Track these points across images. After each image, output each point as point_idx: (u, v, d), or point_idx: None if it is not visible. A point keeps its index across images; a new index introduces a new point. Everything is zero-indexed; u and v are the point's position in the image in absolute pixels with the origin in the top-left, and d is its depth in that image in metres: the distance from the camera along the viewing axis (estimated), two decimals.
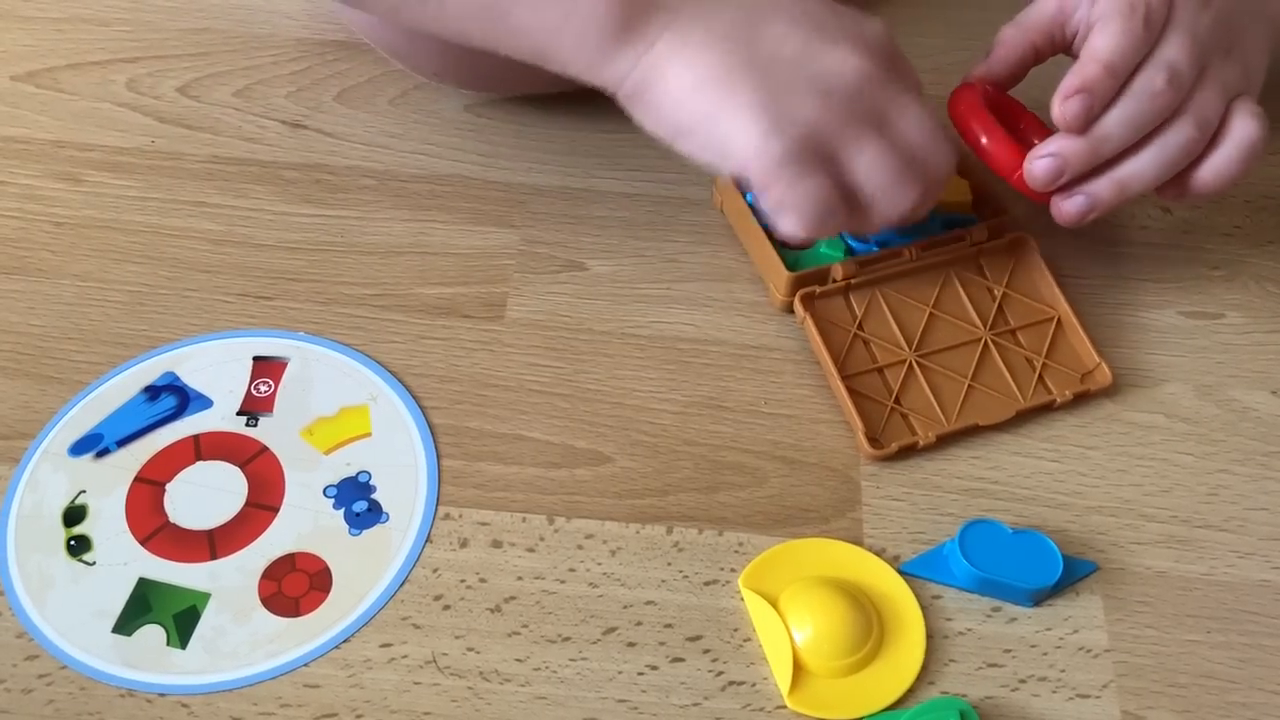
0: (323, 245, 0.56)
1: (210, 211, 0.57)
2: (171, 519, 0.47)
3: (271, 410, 0.50)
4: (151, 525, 0.47)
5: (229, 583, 0.46)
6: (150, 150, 0.59)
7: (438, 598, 0.46)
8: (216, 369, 0.51)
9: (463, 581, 0.46)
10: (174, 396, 0.50)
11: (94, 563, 0.46)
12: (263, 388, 0.51)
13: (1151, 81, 0.48)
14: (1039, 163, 0.49)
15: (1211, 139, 0.50)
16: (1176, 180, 0.50)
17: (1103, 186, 0.50)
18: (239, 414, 0.50)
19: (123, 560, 0.46)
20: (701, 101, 0.46)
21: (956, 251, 0.54)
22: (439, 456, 0.49)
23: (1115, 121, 0.49)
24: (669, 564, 0.47)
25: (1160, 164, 0.49)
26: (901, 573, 0.47)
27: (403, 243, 0.56)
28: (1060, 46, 0.52)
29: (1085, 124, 0.48)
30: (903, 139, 0.48)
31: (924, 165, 0.48)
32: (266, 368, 0.51)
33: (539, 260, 0.56)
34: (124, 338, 0.52)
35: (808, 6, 0.49)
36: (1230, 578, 0.47)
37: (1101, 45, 0.48)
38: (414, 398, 0.51)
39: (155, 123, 0.61)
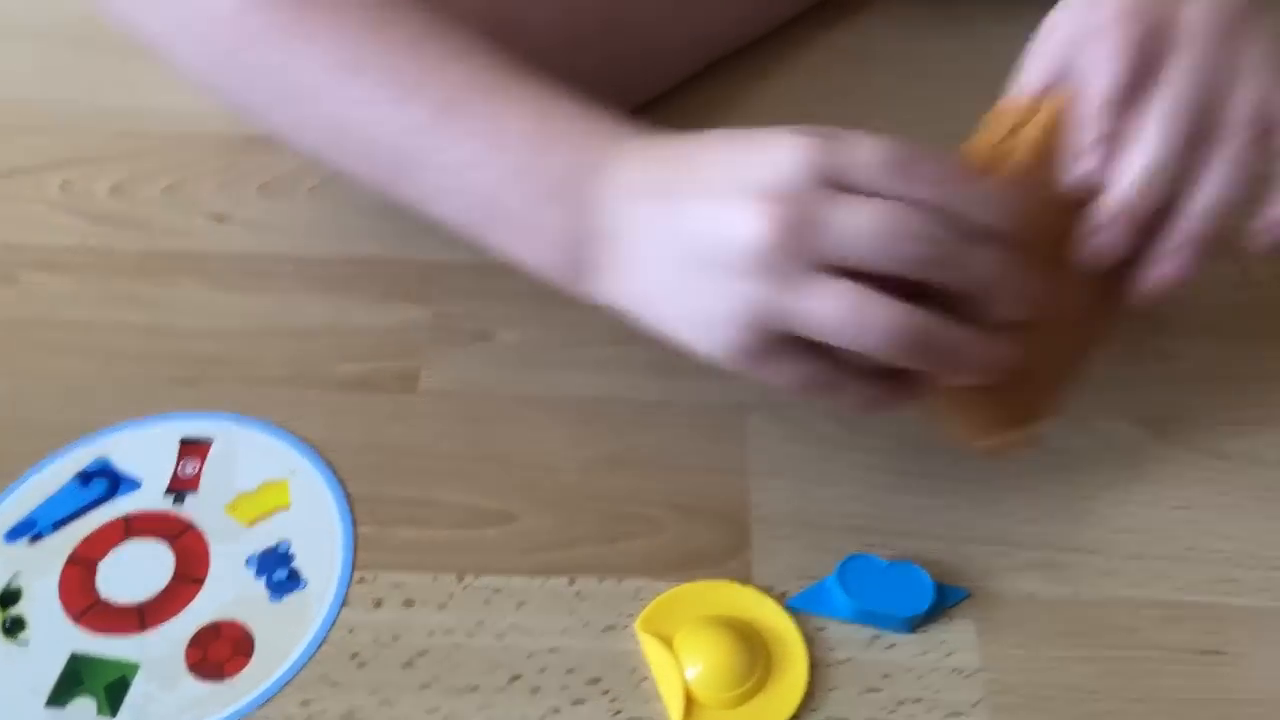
0: (246, 330, 0.60)
1: (141, 303, 0.61)
2: (102, 596, 0.50)
3: (197, 488, 0.53)
4: (83, 603, 0.50)
5: (157, 652, 0.49)
6: (82, 249, 0.63)
7: (353, 656, 0.49)
8: (146, 452, 0.55)
9: (376, 640, 0.49)
10: (105, 480, 0.54)
11: (28, 642, 0.49)
12: (189, 468, 0.54)
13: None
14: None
15: None
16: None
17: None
18: (166, 493, 0.53)
19: (56, 638, 0.49)
20: (657, 315, 0.47)
21: None
22: (355, 524, 0.52)
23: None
24: (571, 612, 0.50)
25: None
26: (788, 608, 0.50)
27: (320, 324, 0.60)
28: None
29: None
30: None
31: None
32: (193, 448, 0.55)
33: (450, 333, 0.59)
34: (57, 428, 0.55)
35: (717, 154, 0.45)
36: (1094, 596, 0.50)
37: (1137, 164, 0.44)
38: (331, 469, 0.54)
39: (88, 223, 0.64)
